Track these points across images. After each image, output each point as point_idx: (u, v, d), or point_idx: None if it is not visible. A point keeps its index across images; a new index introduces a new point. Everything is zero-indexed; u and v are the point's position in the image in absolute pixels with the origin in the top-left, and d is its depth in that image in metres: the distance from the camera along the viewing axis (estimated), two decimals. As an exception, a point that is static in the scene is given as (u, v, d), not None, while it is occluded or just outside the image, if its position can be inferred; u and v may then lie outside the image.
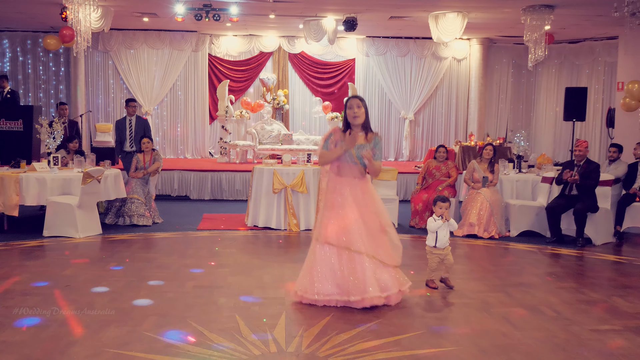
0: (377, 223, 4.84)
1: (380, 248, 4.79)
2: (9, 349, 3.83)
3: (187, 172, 11.51)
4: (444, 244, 5.32)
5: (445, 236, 5.31)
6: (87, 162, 8.41)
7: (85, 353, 3.80)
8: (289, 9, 11.33)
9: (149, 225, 8.38)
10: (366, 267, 4.69)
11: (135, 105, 9.66)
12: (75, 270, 5.89)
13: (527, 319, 4.64)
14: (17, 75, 14.35)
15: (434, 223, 5.29)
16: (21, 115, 11.20)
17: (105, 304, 4.80)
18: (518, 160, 9.35)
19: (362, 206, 4.79)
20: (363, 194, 4.83)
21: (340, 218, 4.74)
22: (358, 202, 4.78)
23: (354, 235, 4.70)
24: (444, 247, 5.33)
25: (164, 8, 11.42)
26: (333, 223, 4.75)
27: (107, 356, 3.74)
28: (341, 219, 4.74)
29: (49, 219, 7.55)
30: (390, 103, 15.27)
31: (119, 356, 3.74)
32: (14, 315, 4.48)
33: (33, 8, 11.44)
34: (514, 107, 15.73)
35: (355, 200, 4.78)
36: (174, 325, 4.32)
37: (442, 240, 5.30)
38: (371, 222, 4.79)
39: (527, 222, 8.18)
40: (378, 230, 4.83)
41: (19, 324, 4.30)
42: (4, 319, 4.40)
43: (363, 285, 4.66)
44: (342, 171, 4.84)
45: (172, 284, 5.43)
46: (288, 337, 4.11)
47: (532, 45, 10.88)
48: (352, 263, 4.69)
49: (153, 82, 14.47)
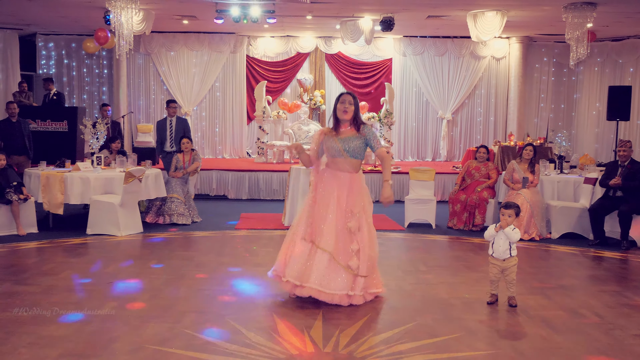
0: (354, 224, 4.81)
1: (347, 255, 4.78)
2: (53, 343, 3.93)
3: (225, 172, 11.63)
4: (500, 254, 4.88)
5: (501, 246, 4.86)
6: (129, 162, 8.58)
7: (126, 349, 3.88)
8: (326, 10, 11.34)
9: (188, 224, 8.50)
10: (324, 261, 4.73)
11: (175, 106, 9.81)
12: (117, 268, 6.01)
13: (567, 323, 4.53)
14: (62, 77, 14.73)
15: (488, 231, 5.01)
16: (66, 117, 11.53)
17: (145, 301, 4.89)
18: (559, 160, 9.16)
19: (344, 204, 4.81)
20: (349, 192, 4.85)
21: (318, 215, 4.83)
22: (340, 200, 4.82)
23: (325, 234, 4.76)
24: (503, 259, 4.89)
25: (203, 11, 11.56)
26: (310, 219, 4.85)
27: (147, 352, 3.80)
28: (318, 216, 4.82)
29: (92, 217, 7.73)
30: (428, 103, 15.13)
31: (158, 352, 3.80)
32: (59, 311, 4.60)
33: (77, 12, 11.73)
34: (555, 106, 15.40)
35: (338, 197, 4.82)
36: (212, 323, 4.37)
37: (498, 251, 4.88)
38: (343, 222, 4.80)
39: (568, 224, 8.00)
40: (352, 232, 4.81)
41: (63, 319, 4.42)
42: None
43: (308, 273, 4.73)
44: (333, 164, 4.92)
45: (211, 282, 5.49)
46: (325, 337, 4.12)
47: (574, 43, 10.63)
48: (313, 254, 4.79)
49: (192, 84, 14.66)
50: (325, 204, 4.83)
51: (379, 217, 9.39)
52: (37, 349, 3.82)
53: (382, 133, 13.17)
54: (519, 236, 4.86)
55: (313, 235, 4.80)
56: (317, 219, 4.82)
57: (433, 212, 8.61)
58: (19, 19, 12.64)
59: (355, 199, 4.85)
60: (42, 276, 5.61)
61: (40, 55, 14.64)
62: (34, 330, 4.15)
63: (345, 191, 4.84)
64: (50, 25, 13.53)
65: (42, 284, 5.32)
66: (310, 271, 4.73)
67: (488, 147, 9.45)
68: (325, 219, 4.80)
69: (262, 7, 10.91)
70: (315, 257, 4.76)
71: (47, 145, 10.69)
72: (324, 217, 4.80)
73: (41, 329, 4.19)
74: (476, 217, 8.38)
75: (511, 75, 14.78)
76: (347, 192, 4.84)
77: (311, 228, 4.82)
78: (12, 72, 13.78)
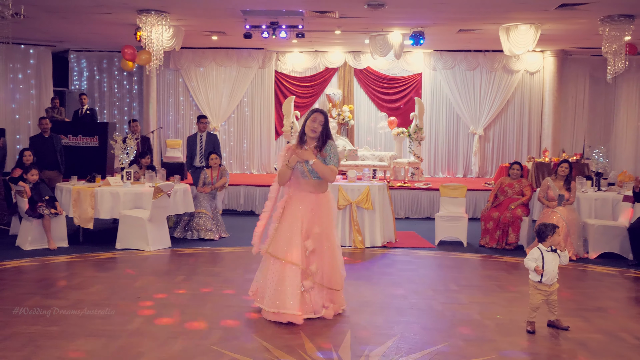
0: (322, 242, 4.88)
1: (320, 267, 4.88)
2: (82, 357, 3.98)
3: (252, 187, 11.71)
4: (551, 279, 4.65)
5: (554, 270, 4.65)
6: (158, 177, 8.70)
7: (154, 365, 3.91)
8: (355, 25, 11.40)
9: (215, 239, 8.56)
10: (295, 282, 4.74)
11: (206, 122, 9.95)
12: (145, 283, 6.07)
13: (605, 346, 4.43)
14: (94, 93, 15.06)
15: (531, 256, 4.67)
16: (97, 132, 11.78)
17: (172, 317, 4.93)
18: (597, 177, 8.99)
19: (311, 223, 4.84)
20: (313, 211, 4.87)
21: (287, 232, 4.83)
22: (307, 218, 4.84)
23: (293, 250, 4.77)
24: (551, 284, 4.68)
25: (232, 27, 11.73)
26: (280, 237, 4.86)
27: (175, 369, 3.83)
28: (288, 233, 4.83)
29: (122, 231, 7.84)
30: (459, 118, 15.03)
31: (185, 369, 3.82)
32: (86, 325, 4.66)
33: (108, 29, 12.02)
34: (592, 121, 15.14)
35: (304, 216, 4.84)
36: (239, 340, 4.38)
37: (551, 275, 4.64)
38: (317, 240, 4.85)
39: (607, 244, 7.82)
40: (323, 248, 4.89)
41: (90, 333, 4.47)
42: (77, 328, 4.59)
43: (283, 299, 4.71)
44: (297, 185, 4.92)
45: (237, 299, 5.51)
46: (353, 357, 4.09)
47: (611, 57, 10.46)
48: (282, 274, 4.77)
49: (221, 99, 14.83)
50: (289, 226, 4.85)
51: (408, 234, 9.33)
52: (66, 364, 3.87)
53: (412, 149, 13.12)
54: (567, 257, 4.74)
55: (287, 255, 4.81)
56: (282, 240, 4.85)
57: (464, 229, 8.52)
58: (53, 36, 13.01)
59: (319, 219, 4.88)
60: (72, 290, 5.70)
61: (72, 71, 15.01)
62: (63, 345, 4.21)
63: (309, 213, 4.86)
64: (82, 41, 13.88)
65: (71, 299, 5.41)
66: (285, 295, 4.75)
67: (521, 163, 9.31)
68: (290, 241, 4.81)
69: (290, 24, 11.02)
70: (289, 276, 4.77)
71: (78, 160, 10.92)
72: (288, 239, 4.82)
73: (70, 343, 4.25)
74: (509, 235, 8.27)
75: (545, 89, 14.61)
76: (310, 214, 4.86)
77: (288, 249, 4.82)
78: (45, 88, 14.16)
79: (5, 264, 6.82)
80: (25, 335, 4.38)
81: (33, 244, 7.64)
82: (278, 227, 4.89)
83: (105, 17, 10.81)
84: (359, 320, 4.91)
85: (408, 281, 6.39)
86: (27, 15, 10.15)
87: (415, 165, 13.09)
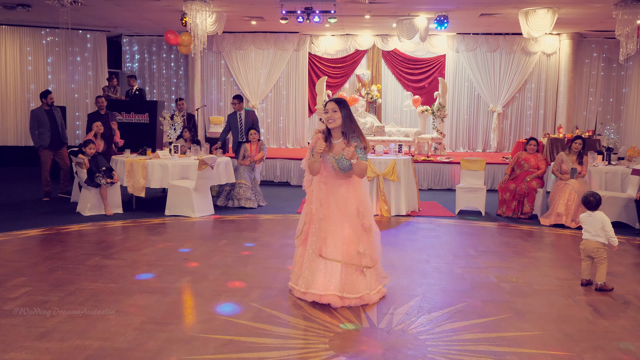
0: (358, 225, 4.34)
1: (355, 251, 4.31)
2: (137, 311, 4.09)
3: (288, 161, 11.73)
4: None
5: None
6: (202, 150, 8.78)
7: (200, 318, 3.99)
8: (383, 9, 11.20)
9: (254, 207, 8.63)
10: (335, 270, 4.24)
11: (236, 102, 9.67)
12: (192, 246, 6.18)
13: (614, 308, 4.36)
14: (144, 74, 15.18)
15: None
16: (147, 109, 11.91)
17: (217, 277, 5.01)
18: (607, 152, 8.76)
19: (344, 212, 4.31)
20: (345, 199, 4.32)
21: (321, 229, 4.32)
22: (340, 208, 4.31)
23: (330, 246, 4.26)
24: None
25: (270, 12, 11.64)
26: (314, 234, 4.34)
27: (218, 322, 3.90)
28: (322, 231, 4.31)
29: (170, 200, 7.96)
30: (479, 97, 14.75)
31: (228, 323, 3.89)
32: (141, 283, 4.78)
33: (157, 15, 12.04)
34: (604, 100, 14.71)
35: (337, 207, 4.31)
36: (276, 297, 4.44)
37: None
38: (350, 225, 4.31)
39: (615, 213, 7.65)
40: (360, 231, 4.35)
41: (145, 290, 4.59)
42: (133, 285, 4.71)
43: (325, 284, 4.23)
44: (325, 178, 4.37)
45: (276, 261, 5.57)
46: (379, 314, 4.11)
47: (624, 39, 10.10)
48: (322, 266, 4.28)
49: (259, 80, 14.81)
50: (326, 216, 4.31)
51: (430, 204, 9.27)
52: (123, 316, 3.99)
53: (435, 125, 12.95)
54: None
55: (324, 252, 4.29)
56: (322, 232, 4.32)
57: (483, 200, 8.43)
58: (107, 21, 13.10)
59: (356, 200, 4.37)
60: (127, 252, 5.83)
61: (125, 54, 15.13)
62: (121, 299, 4.33)
63: (341, 198, 4.33)
64: (134, 27, 13.95)
65: (127, 259, 5.54)
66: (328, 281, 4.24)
67: (537, 139, 9.12)
68: (328, 232, 4.30)
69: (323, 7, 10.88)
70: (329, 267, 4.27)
71: (131, 135, 11.06)
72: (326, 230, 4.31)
73: (127, 298, 4.37)
74: (525, 205, 8.15)
75: (561, 70, 14.22)
76: (343, 201, 4.33)
77: (324, 247, 4.29)
78: (100, 69, 14.34)
79: (68, 227, 7.01)
80: (87, 291, 4.51)
81: (92, 210, 7.81)
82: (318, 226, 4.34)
83: (155, 4, 10.82)
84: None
85: (430, 247, 6.37)
86: (84, 2, 10.24)
87: (438, 140, 12.94)
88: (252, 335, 3.68)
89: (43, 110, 9.14)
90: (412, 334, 3.76)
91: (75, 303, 4.23)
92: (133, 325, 3.82)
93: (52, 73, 13.88)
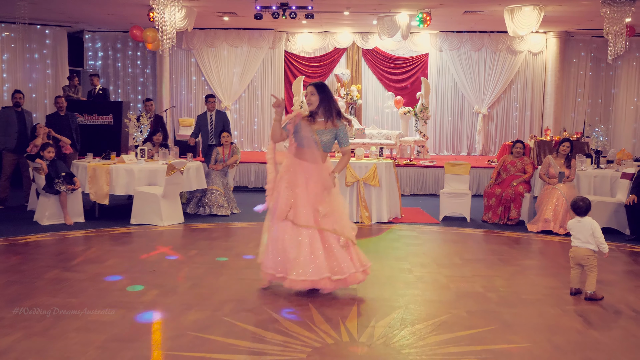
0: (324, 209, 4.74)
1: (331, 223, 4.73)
2: (99, 328, 4.02)
3: (263, 165, 11.68)
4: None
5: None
6: (171, 154, 8.70)
7: (169, 334, 3.94)
8: (363, 6, 11.27)
9: (227, 215, 8.58)
10: (316, 245, 4.64)
11: (213, 101, 9.86)
12: (159, 257, 6.11)
13: (604, 318, 4.42)
14: (108, 72, 15.02)
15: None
16: (111, 111, 11.74)
17: (186, 289, 4.96)
18: (596, 155, 8.92)
19: (312, 194, 4.72)
20: (316, 182, 4.73)
21: (290, 197, 4.74)
22: (309, 188, 4.72)
23: (301, 213, 4.68)
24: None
25: (243, 7, 11.62)
26: (283, 201, 4.76)
27: (188, 338, 3.85)
28: (291, 198, 4.74)
29: (136, 207, 7.87)
30: (464, 97, 14.92)
31: (198, 339, 3.85)
32: (104, 297, 4.70)
33: (122, 10, 11.92)
34: (592, 101, 14.99)
35: (306, 185, 4.73)
36: (250, 312, 4.40)
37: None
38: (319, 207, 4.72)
39: (604, 219, 7.77)
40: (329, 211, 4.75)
41: (109, 305, 4.51)
42: (96, 299, 4.62)
43: (307, 264, 4.59)
44: (301, 154, 4.78)
45: (249, 272, 5.52)
46: (360, 328, 4.11)
47: (612, 38, 10.32)
48: (296, 239, 4.67)
49: (232, 79, 14.76)
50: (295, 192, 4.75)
51: (413, 210, 9.32)
52: (85, 334, 3.91)
53: (418, 127, 13.04)
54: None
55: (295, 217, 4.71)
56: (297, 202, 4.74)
57: (468, 205, 8.50)
58: (68, 16, 12.93)
59: (322, 185, 4.75)
60: (89, 264, 5.74)
61: (87, 51, 14.95)
62: (83, 316, 4.25)
63: (312, 181, 4.73)
64: (97, 22, 13.81)
65: (89, 272, 5.44)
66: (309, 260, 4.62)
67: (524, 141, 9.25)
68: (304, 203, 4.72)
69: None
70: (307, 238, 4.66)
71: (93, 138, 10.91)
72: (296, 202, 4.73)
73: (89, 314, 4.29)
74: (511, 211, 8.24)
75: (548, 69, 14.46)
76: (314, 181, 4.73)
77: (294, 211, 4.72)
78: (61, 68, 14.10)
79: (25, 238, 6.87)
80: (46, 307, 4.41)
81: (50, 219, 7.68)
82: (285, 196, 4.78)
83: (119, -2, 10.73)
84: (366, 292, 4.92)
85: (413, 255, 6.40)
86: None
87: (421, 143, 13.03)
88: (225, 352, 3.64)
89: (13, 110, 8.97)
90: (394, 347, 3.76)
91: (32, 320, 4.14)
92: (95, 343, 3.75)
93: (7, 71, 13.62)
